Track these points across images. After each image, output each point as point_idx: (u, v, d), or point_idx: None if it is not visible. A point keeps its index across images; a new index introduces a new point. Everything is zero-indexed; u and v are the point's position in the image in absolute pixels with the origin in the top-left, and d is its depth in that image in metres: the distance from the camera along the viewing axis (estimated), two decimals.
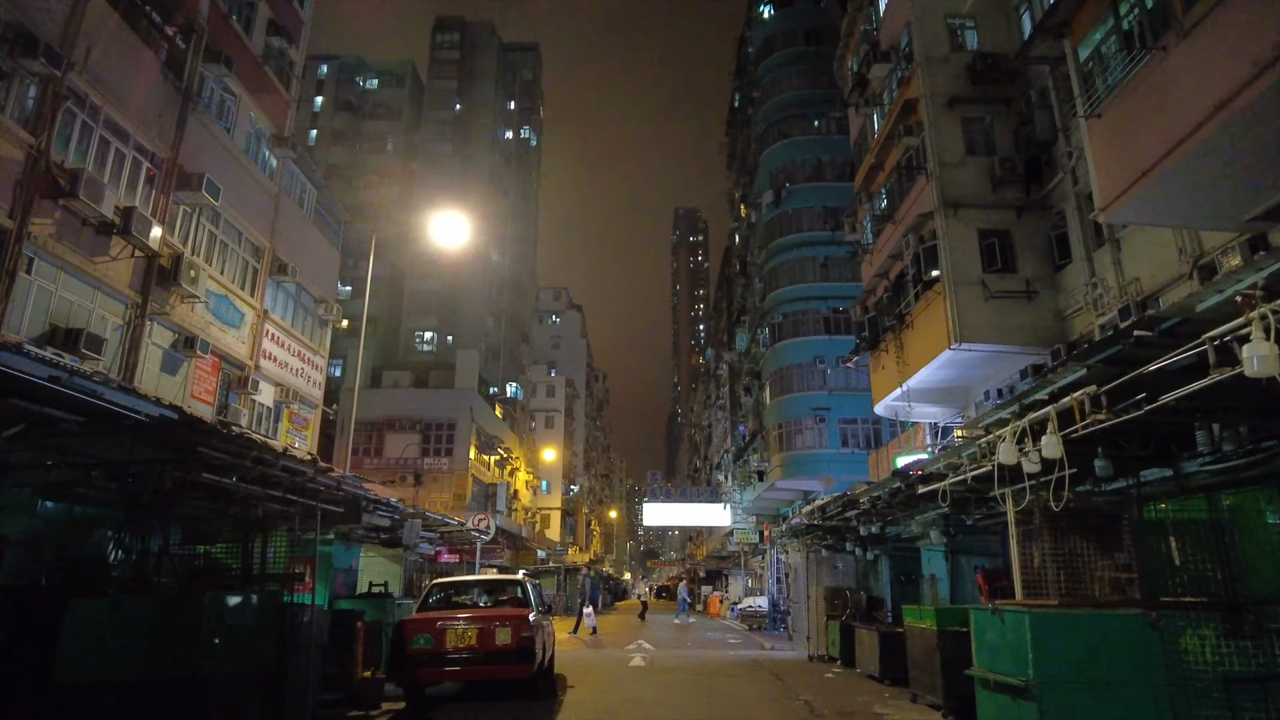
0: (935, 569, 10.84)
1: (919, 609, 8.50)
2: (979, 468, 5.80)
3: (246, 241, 16.84)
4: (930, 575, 11.06)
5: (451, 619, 7.96)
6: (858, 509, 9.93)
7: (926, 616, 8.07)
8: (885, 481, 8.29)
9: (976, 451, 5.86)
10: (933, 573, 10.98)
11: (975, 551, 10.42)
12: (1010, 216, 16.08)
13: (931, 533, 8.80)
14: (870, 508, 9.45)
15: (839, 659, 12.77)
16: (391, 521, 10.20)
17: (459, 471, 35.94)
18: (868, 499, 9.15)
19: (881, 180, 19.85)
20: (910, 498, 8.32)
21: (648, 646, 17.89)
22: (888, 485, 8.20)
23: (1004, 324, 15.50)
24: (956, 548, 10.36)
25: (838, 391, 33.94)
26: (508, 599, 9.21)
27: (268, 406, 17.88)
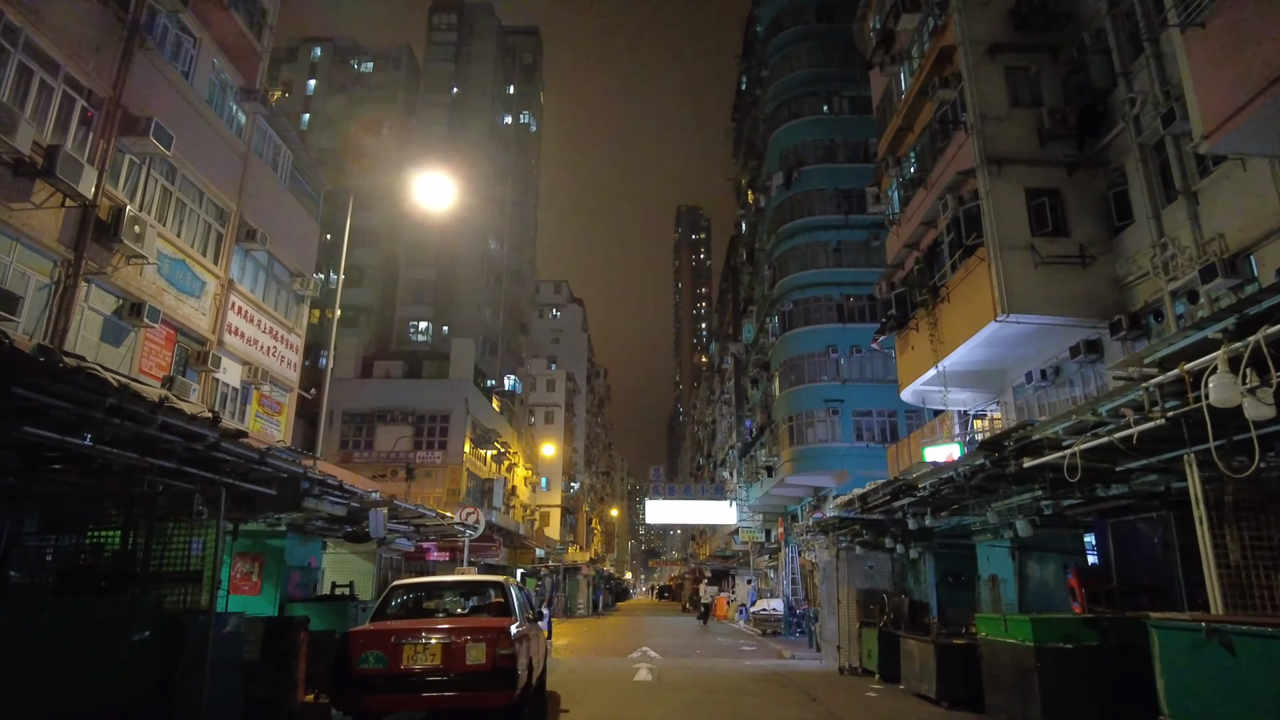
0: (998, 569, 9.15)
1: (1004, 618, 6.81)
2: (1147, 419, 4.14)
3: (209, 203, 15.15)
4: (990, 576, 9.37)
5: (410, 631, 6.24)
6: (913, 496, 8.25)
7: (1018, 628, 6.36)
8: (966, 458, 6.63)
9: (1144, 398, 4.17)
10: (993, 573, 9.29)
11: (1047, 547, 8.75)
12: (1060, 174, 14.37)
13: (1017, 524, 7.12)
14: (931, 495, 7.78)
15: (877, 673, 11.04)
16: (349, 510, 8.54)
17: (453, 466, 34.26)
18: (930, 484, 7.48)
19: (910, 142, 18.13)
20: (988, 480, 6.64)
21: (654, 655, 16.16)
22: (968, 463, 6.54)
23: (1056, 293, 13.80)
24: (1026, 543, 8.69)
25: (852, 382, 32.27)
26: (486, 605, 7.55)
27: (234, 387, 16.19)
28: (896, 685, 10.20)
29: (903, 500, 8.68)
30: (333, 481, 7.66)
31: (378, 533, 8.75)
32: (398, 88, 50.73)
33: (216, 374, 15.30)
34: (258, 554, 9.32)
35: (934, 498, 8.01)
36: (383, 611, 7.00)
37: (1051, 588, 8.60)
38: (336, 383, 36.65)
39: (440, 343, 41.74)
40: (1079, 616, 6.33)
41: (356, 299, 44.44)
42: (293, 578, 9.52)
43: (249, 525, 9.11)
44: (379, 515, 8.71)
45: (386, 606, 7.13)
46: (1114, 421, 4.53)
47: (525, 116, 53.73)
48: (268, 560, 9.28)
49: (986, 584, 9.53)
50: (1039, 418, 17.01)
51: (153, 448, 4.86)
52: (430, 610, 7.43)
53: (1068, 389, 15.45)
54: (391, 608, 7.14)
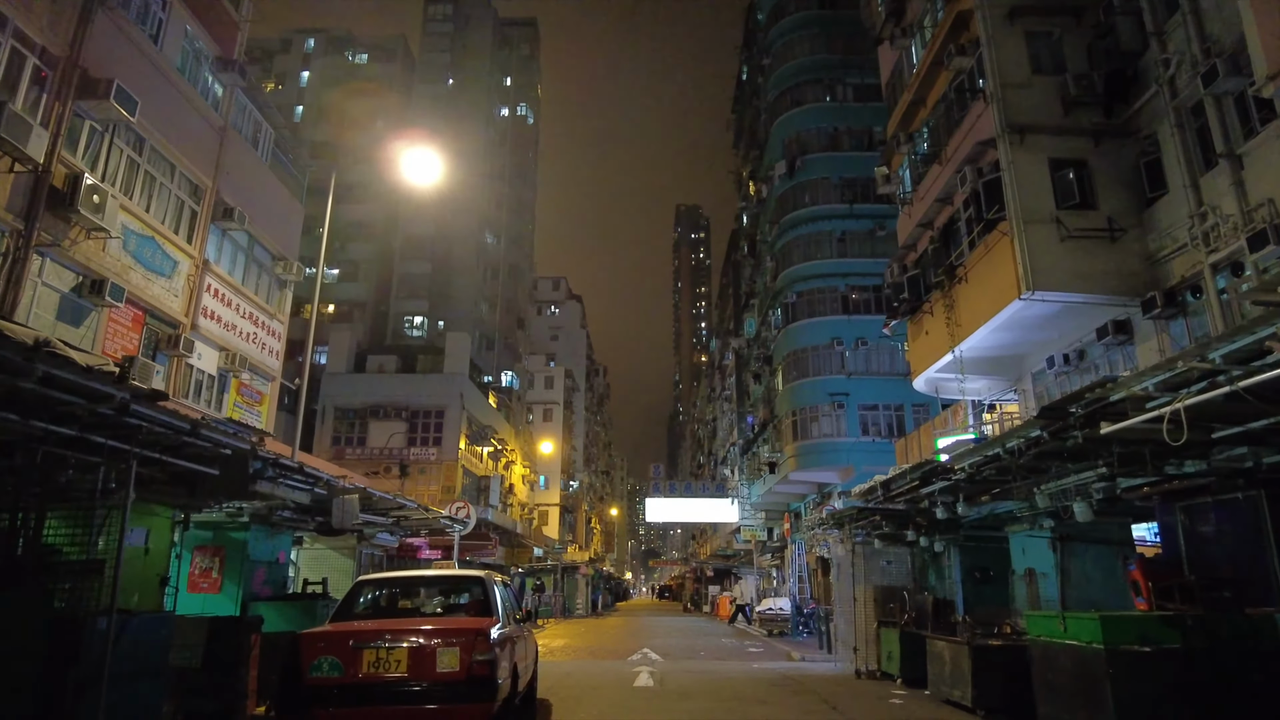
0: (1035, 562, 8.25)
1: (1062, 616, 5.90)
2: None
3: (182, 177, 14.26)
4: (1026, 571, 8.48)
5: (372, 633, 5.34)
6: (946, 480, 7.35)
7: (1083, 628, 5.44)
8: (1018, 430, 5.74)
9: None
10: (1030, 567, 8.39)
11: (1092, 538, 7.86)
12: (1086, 144, 13.50)
13: (1075, 507, 6.22)
14: (967, 478, 6.88)
15: (899, 676, 10.13)
16: (314, 497, 7.65)
17: (448, 462, 33.37)
18: (969, 465, 6.57)
19: (923, 117, 17.26)
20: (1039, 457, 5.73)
21: (655, 657, 15.24)
22: (1021, 435, 5.64)
23: (1084, 269, 12.93)
24: (1068, 533, 7.81)
25: (857, 375, 31.41)
26: (463, 604, 6.60)
27: (209, 374, 15.30)
28: (921, 691, 9.30)
29: (934, 485, 7.78)
30: (290, 463, 6.76)
31: (343, 523, 7.86)
32: (393, 79, 49.86)
33: (190, 359, 14.41)
34: (218, 548, 8.45)
35: (971, 481, 7.12)
36: (346, 611, 6.10)
37: (1098, 583, 7.72)
38: (329, 377, 35.81)
39: (436, 337, 40.86)
40: (1157, 615, 5.46)
41: (350, 294, 43.61)
42: (258, 574, 8.64)
43: (206, 515, 8.24)
44: (346, 504, 7.82)
45: (350, 605, 6.23)
46: (1229, 371, 3.65)
47: (522, 109, 52.88)
48: (229, 555, 8.40)
49: (1021, 579, 8.65)
50: None
51: (40, 408, 3.99)
52: (400, 610, 6.53)
53: (1093, 375, 14.56)
54: (356, 607, 6.24)
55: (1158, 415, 4.12)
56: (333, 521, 7.81)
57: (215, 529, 8.47)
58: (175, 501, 6.77)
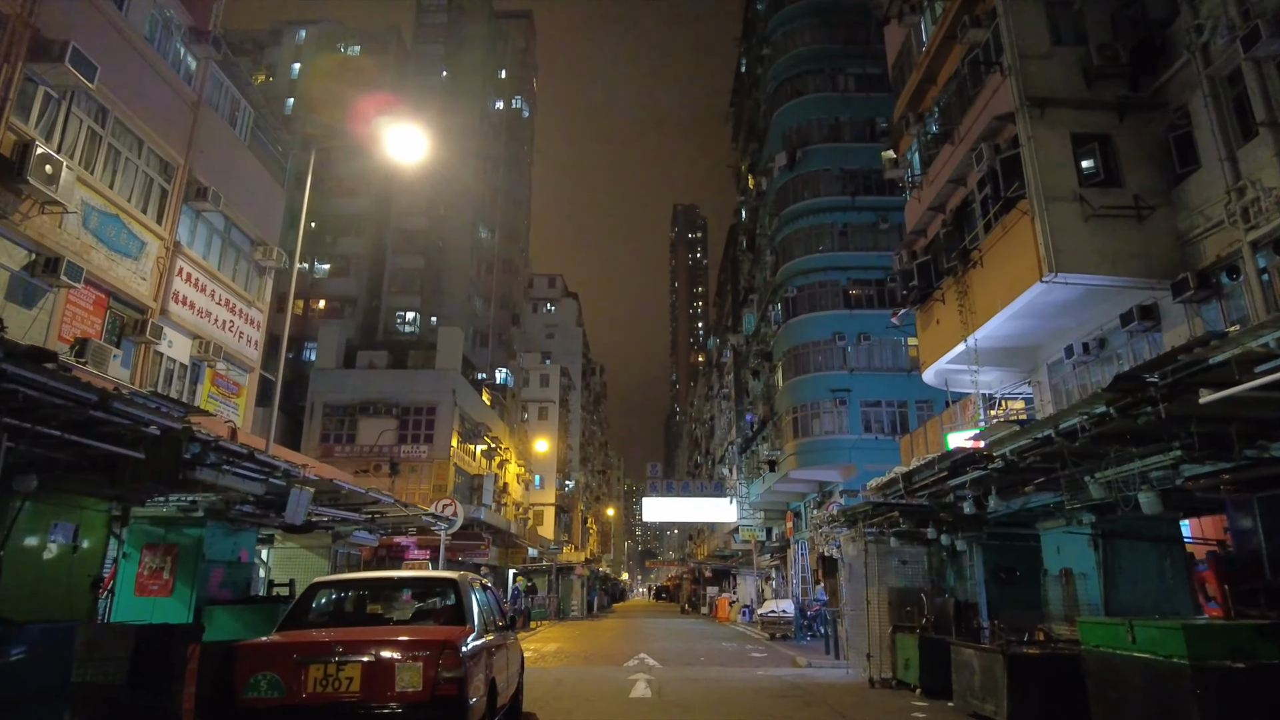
0: (1073, 561, 7.44)
1: (1129, 624, 5.09)
2: None
3: (150, 153, 13.43)
4: (1062, 571, 7.66)
5: (320, 646, 4.58)
6: (981, 470, 6.53)
7: (1161, 639, 4.57)
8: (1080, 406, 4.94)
9: None
10: (1066, 567, 7.57)
11: (1139, 535, 7.06)
12: (1110, 118, 12.75)
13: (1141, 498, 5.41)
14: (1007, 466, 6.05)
15: (918, 686, 9.31)
16: (269, 487, 6.82)
17: (440, 461, 32.52)
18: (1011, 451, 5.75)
19: (934, 95, 16.48)
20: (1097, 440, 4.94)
21: (652, 663, 14.39)
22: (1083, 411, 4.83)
23: (1109, 250, 12.18)
24: (1112, 529, 7.01)
25: (859, 371, 30.67)
26: (433, 610, 5.76)
27: (181, 363, 14.46)
28: (944, 702, 8.48)
29: (964, 476, 6.97)
30: (237, 447, 5.92)
31: (296, 517, 7.02)
32: (386, 71, 49.00)
33: (159, 346, 13.58)
34: (170, 546, 7.63)
35: (1010, 471, 6.31)
36: (296, 618, 5.27)
37: (1149, 585, 6.92)
38: (317, 373, 34.92)
39: (428, 333, 39.99)
40: (1251, 624, 4.68)
41: (341, 289, 42.74)
42: (214, 575, 7.82)
43: (154, 509, 7.42)
44: (300, 496, 6.97)
45: (302, 612, 5.39)
46: None
47: (517, 102, 52.04)
48: (182, 554, 7.58)
49: (1056, 580, 7.86)
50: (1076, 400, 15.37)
51: None
52: (360, 617, 5.73)
53: (1114, 365, 13.79)
54: (309, 613, 5.41)
55: (1264, 383, 3.35)
56: (286, 515, 6.98)
57: (167, 525, 7.65)
58: (106, 492, 5.95)
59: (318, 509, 8.41)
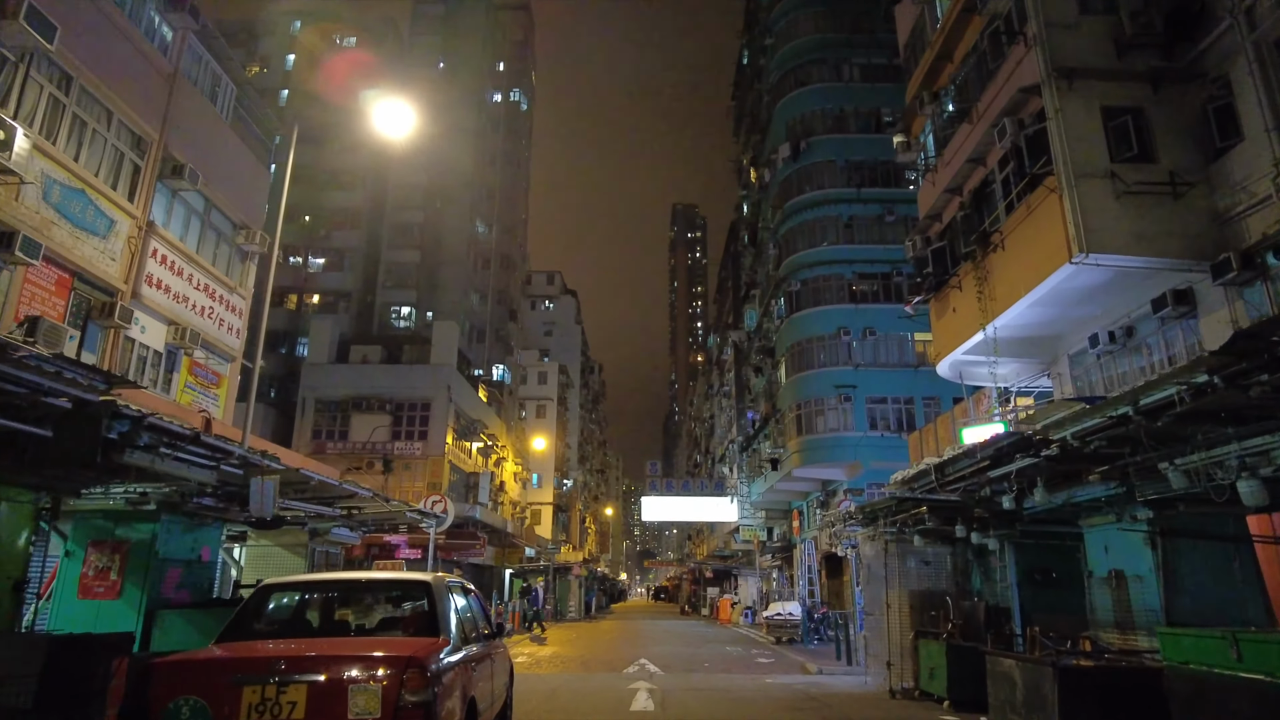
0: (1125, 562, 6.65)
1: (1233, 636, 4.30)
2: None
3: (121, 126, 12.63)
4: (1111, 573, 6.86)
5: (260, 663, 3.79)
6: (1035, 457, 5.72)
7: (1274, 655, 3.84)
8: (1173, 375, 4.17)
9: None
10: (1116, 568, 6.78)
11: (1200, 533, 6.28)
12: (1143, 90, 11.98)
13: (1242, 486, 4.61)
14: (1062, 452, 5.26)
15: (945, 698, 8.51)
16: (220, 473, 6.03)
17: (434, 458, 31.73)
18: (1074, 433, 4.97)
19: (950, 73, 15.71)
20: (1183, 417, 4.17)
21: (654, 669, 13.58)
22: (1180, 380, 4.07)
23: (1142, 229, 11.40)
24: (1172, 526, 6.23)
25: (865, 367, 29.92)
26: (401, 619, 5.00)
27: (155, 350, 13.66)
28: (978, 717, 7.68)
29: (1010, 465, 6.19)
30: (178, 427, 5.10)
31: (261, 510, 6.23)
32: (382, 62, 48.20)
33: (130, 331, 12.78)
34: (119, 543, 6.84)
35: (1068, 458, 5.54)
36: (240, 628, 4.45)
37: (1216, 590, 6.14)
38: (309, 368, 34.11)
39: (423, 328, 39.18)
40: None
41: (335, 283, 41.92)
42: (169, 576, 7.03)
43: (97, 502, 6.63)
44: (265, 486, 6.19)
45: (247, 620, 4.56)
46: None
47: (515, 94, 51.23)
48: (133, 552, 6.79)
49: (1103, 583, 7.08)
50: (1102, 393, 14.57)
51: None
52: (316, 626, 4.99)
53: (1143, 355, 13.03)
54: (255, 622, 4.60)
55: None
56: (250, 507, 6.19)
57: (116, 519, 6.86)
58: (29, 481, 5.15)
59: (286, 502, 7.63)
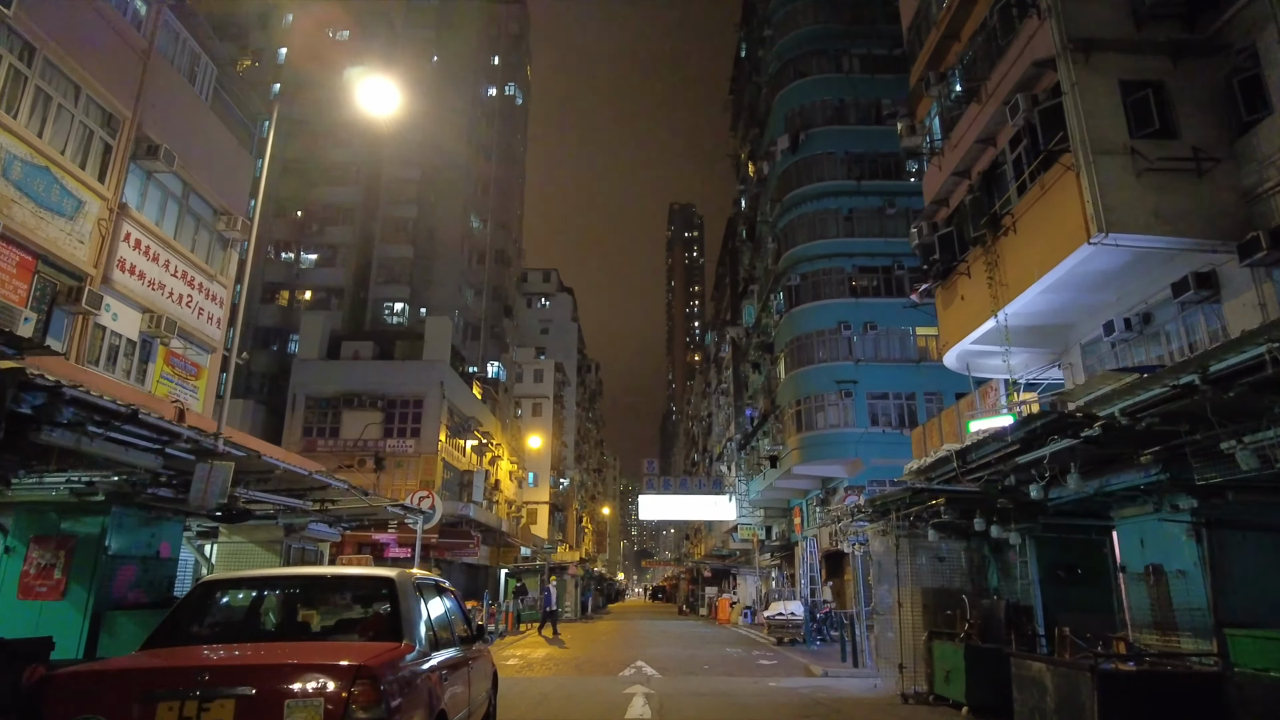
0: (1164, 556, 6.08)
1: None
2: None
3: (90, 102, 12.01)
4: (1148, 568, 6.30)
5: (175, 675, 3.23)
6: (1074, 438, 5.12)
7: None
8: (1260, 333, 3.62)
9: None
10: (1154, 563, 6.20)
11: (1251, 524, 5.71)
12: (1163, 63, 11.43)
13: None
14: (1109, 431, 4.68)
15: (964, 704, 7.92)
16: (167, 458, 5.42)
17: (427, 455, 31.11)
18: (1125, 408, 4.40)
19: (957, 51, 15.16)
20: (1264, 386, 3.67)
21: (651, 672, 12.98)
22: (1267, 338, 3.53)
23: (1164, 208, 10.85)
24: (1217, 516, 5.68)
25: (865, 362, 29.37)
26: (358, 620, 4.38)
27: (128, 338, 13.05)
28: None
29: (1044, 449, 5.61)
30: (110, 403, 4.46)
31: (205, 499, 5.62)
32: (375, 55, 47.56)
33: (100, 318, 12.16)
34: (64, 538, 6.25)
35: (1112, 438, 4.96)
36: (172, 631, 3.85)
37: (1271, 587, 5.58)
38: (299, 364, 33.45)
39: (416, 324, 38.56)
40: None
41: (327, 279, 41.29)
42: (122, 574, 6.44)
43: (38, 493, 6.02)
44: (212, 473, 5.56)
45: (181, 622, 3.97)
46: None
47: (511, 88, 50.61)
48: (79, 548, 6.20)
49: (1138, 579, 6.51)
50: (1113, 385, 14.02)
51: None
52: (260, 629, 4.36)
53: (1160, 344, 12.48)
54: (192, 624, 4.00)
55: None
56: (190, 497, 5.59)
57: (60, 512, 6.27)
58: None
59: (250, 493, 7.04)
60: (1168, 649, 6.06)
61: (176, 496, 6.62)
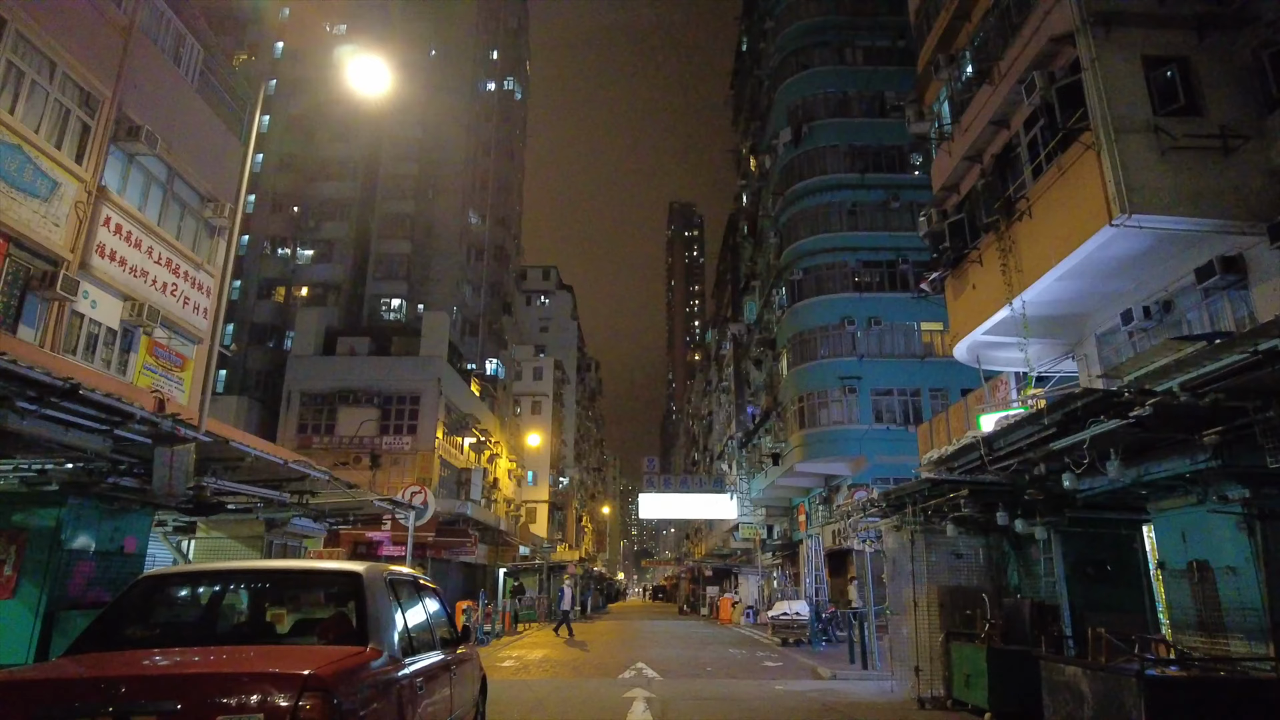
0: (1214, 551, 5.56)
1: None
2: None
3: (67, 80, 11.52)
4: (1192, 564, 5.79)
5: (79, 689, 2.68)
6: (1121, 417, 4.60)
7: None
8: None
9: None
10: (1200, 558, 5.69)
11: None
12: (1188, 37, 10.94)
13: None
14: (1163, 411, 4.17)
15: (988, 710, 7.41)
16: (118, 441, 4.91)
17: (424, 452, 30.60)
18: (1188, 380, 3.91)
19: (968, 32, 14.66)
20: None
21: (651, 674, 12.46)
22: None
23: (1191, 188, 10.37)
24: (1274, 506, 5.17)
25: (870, 358, 28.88)
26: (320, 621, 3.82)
27: (109, 327, 12.56)
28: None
29: (1085, 432, 5.09)
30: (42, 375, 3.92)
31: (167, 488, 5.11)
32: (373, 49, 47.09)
33: (78, 305, 11.68)
34: (16, 532, 5.75)
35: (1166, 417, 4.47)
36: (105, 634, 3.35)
37: None
38: (294, 360, 32.96)
39: (414, 320, 38.07)
40: None
41: (324, 275, 40.84)
42: (79, 571, 5.95)
43: None
44: (174, 458, 5.05)
45: (116, 623, 3.48)
46: None
47: (510, 83, 50.10)
48: (32, 542, 5.71)
49: (1179, 576, 6.01)
50: None
51: None
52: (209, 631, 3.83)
53: (1181, 333, 11.95)
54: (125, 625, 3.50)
55: None
56: (154, 485, 5.09)
57: (11, 503, 5.77)
58: None
59: (219, 483, 6.54)
60: (1215, 653, 5.57)
61: (141, 486, 6.13)
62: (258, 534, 8.88)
